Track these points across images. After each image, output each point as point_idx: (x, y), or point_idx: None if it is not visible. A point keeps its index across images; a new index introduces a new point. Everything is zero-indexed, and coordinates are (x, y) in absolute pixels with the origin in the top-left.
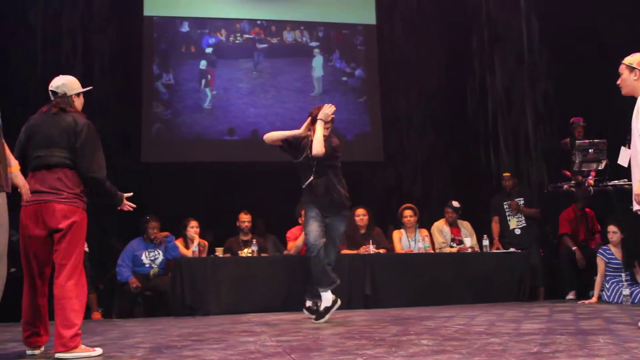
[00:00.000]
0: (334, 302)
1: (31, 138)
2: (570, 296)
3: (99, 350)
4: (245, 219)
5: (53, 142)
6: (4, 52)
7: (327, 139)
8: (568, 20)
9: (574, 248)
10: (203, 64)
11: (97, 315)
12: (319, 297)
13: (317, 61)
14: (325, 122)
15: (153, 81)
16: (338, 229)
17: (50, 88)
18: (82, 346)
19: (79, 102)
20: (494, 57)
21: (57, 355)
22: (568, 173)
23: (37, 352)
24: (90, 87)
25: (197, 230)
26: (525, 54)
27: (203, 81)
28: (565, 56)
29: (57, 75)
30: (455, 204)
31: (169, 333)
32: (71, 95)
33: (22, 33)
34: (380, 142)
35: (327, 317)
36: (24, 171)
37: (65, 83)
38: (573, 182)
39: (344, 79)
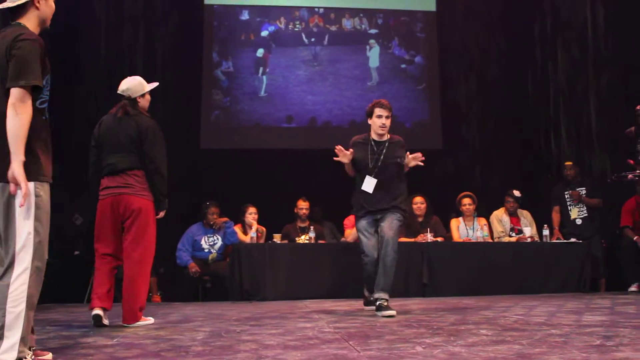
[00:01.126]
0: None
1: (103, 144)
2: (633, 288)
3: (152, 319)
4: (303, 205)
5: (121, 147)
6: (69, 40)
7: (396, 140)
8: (635, 6)
9: (635, 238)
10: (261, 52)
11: (157, 298)
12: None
13: (374, 52)
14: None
15: (213, 69)
16: (392, 220)
17: (118, 91)
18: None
19: (144, 101)
20: (556, 45)
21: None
22: (632, 162)
23: (100, 312)
24: (156, 84)
25: (256, 216)
26: (590, 41)
27: (261, 69)
28: (632, 43)
29: (120, 62)
30: (517, 193)
31: (228, 317)
32: (136, 97)
33: (86, 22)
34: (439, 130)
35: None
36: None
37: (130, 87)
38: (638, 171)
39: (403, 66)
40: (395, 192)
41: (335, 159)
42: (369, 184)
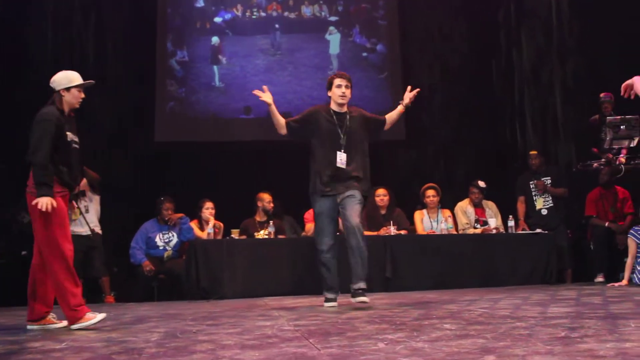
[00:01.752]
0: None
1: None
2: (599, 279)
3: (100, 316)
4: (267, 198)
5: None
6: (15, 29)
7: (356, 111)
8: None
9: (606, 224)
10: (216, 40)
11: (110, 298)
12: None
13: (334, 38)
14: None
15: (167, 58)
16: (354, 205)
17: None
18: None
19: (69, 96)
20: (521, 32)
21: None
22: (597, 150)
23: (36, 326)
24: (91, 82)
25: (213, 211)
26: (554, 29)
27: (217, 58)
28: (597, 31)
29: (70, 52)
30: (481, 183)
31: (184, 317)
32: (59, 90)
33: (33, 10)
34: (402, 120)
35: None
36: None
37: (55, 79)
38: (603, 160)
39: (364, 54)
40: (361, 164)
41: (261, 99)
42: (341, 160)
